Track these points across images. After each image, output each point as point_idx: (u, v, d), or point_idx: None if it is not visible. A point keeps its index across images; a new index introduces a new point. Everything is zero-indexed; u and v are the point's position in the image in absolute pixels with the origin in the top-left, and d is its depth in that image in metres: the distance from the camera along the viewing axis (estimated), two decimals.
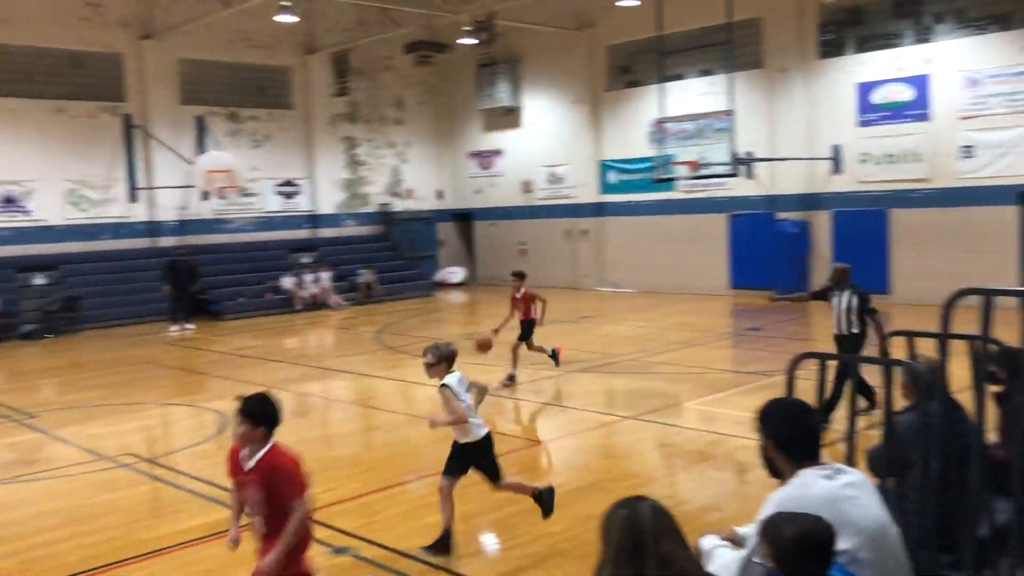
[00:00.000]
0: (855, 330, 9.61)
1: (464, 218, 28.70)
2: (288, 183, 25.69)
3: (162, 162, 22.70)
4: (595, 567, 2.80)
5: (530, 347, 12.70)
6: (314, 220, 26.18)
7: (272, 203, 25.38)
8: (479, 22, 22.09)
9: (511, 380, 12.28)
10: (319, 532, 6.83)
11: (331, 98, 26.26)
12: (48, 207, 21.51)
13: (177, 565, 6.32)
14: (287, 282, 23.00)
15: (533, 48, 25.76)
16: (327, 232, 26.21)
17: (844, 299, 9.67)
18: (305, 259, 24.39)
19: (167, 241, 22.70)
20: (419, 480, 8.18)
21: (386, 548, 6.33)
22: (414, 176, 28.35)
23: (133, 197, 22.54)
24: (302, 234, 25.81)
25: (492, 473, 6.43)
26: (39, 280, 20.68)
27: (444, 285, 26.83)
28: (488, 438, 6.39)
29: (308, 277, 23.24)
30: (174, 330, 19.52)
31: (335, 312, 22.48)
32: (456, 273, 27.41)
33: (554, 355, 12.86)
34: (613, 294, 23.72)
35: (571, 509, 7.22)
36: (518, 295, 12.77)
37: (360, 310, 22.61)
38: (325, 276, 23.39)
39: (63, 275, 20.97)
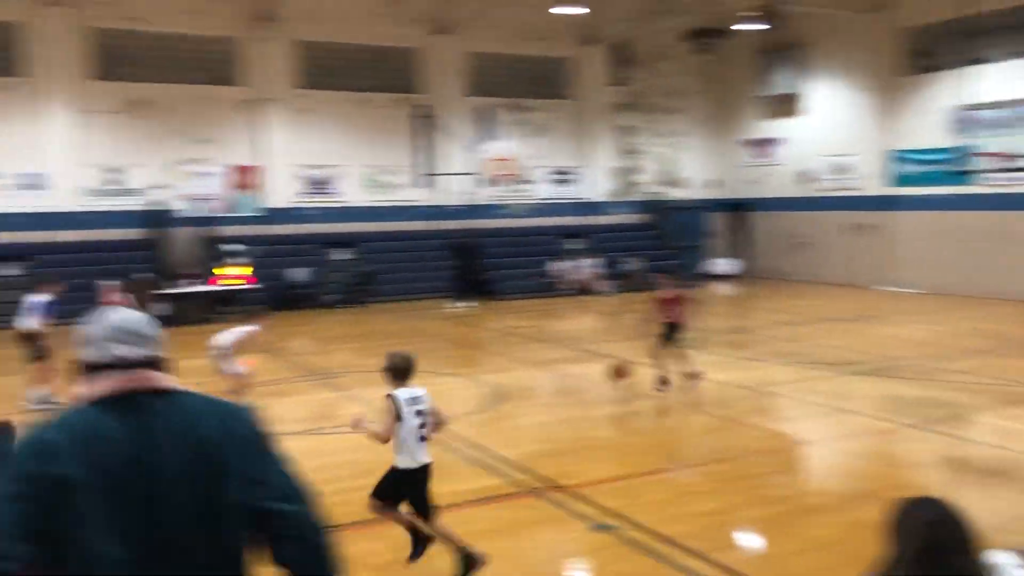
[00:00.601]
0: None
1: (737, 208, 28.00)
2: (561, 171, 26.40)
3: (449, 150, 24.18)
4: (878, 560, 2.72)
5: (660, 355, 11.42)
6: (584, 207, 26.71)
7: (545, 190, 26.21)
8: (765, 7, 21.39)
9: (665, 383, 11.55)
10: (579, 506, 7.05)
11: (606, 88, 26.61)
12: (349, 189, 23.69)
13: (452, 524, 6.77)
14: (557, 267, 23.69)
15: (819, 32, 24.49)
16: (596, 219, 26.65)
17: None
18: (574, 245, 24.99)
19: (451, 224, 24.19)
20: (682, 469, 8.17)
21: (648, 531, 6.38)
22: (686, 165, 28.07)
23: (422, 182, 24.26)
24: (572, 221, 26.45)
25: (421, 508, 5.93)
26: (340, 255, 22.87)
27: (712, 276, 26.35)
28: (425, 470, 5.86)
29: (577, 263, 23.80)
30: (458, 306, 20.83)
31: (601, 298, 22.85)
32: (723, 264, 26.82)
33: (663, 383, 11.47)
34: (898, 294, 22.11)
35: (842, 515, 6.91)
36: (664, 295, 11.67)
37: (625, 297, 22.79)
38: (593, 263, 23.83)
39: (361, 252, 23.01)
